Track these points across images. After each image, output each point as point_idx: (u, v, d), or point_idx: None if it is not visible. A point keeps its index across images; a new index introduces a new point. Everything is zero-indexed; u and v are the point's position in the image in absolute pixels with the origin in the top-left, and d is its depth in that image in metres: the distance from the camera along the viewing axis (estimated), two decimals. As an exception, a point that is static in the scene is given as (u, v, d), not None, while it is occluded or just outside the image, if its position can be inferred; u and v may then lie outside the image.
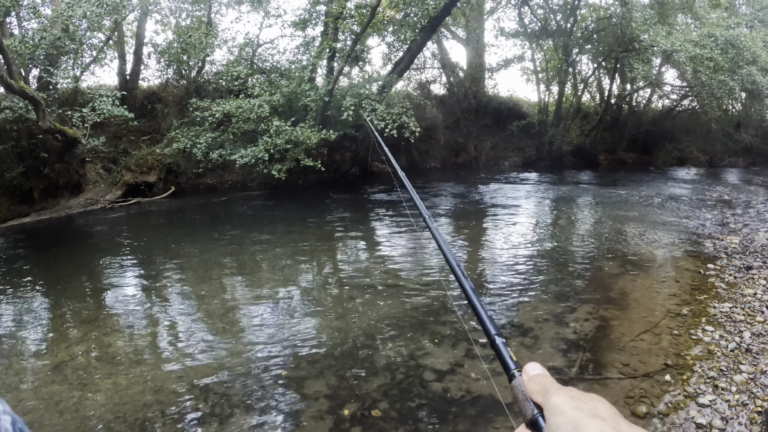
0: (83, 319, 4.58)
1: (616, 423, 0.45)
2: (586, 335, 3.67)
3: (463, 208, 9.70)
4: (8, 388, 3.41)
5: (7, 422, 0.53)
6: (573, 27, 16.46)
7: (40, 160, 12.12)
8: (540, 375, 0.56)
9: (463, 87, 15.22)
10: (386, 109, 10.83)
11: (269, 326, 4.17)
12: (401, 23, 12.62)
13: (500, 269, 5.40)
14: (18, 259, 7.42)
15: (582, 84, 17.54)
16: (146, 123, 12.40)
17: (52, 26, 11.85)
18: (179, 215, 10.14)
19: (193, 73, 13.24)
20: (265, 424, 2.81)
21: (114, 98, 11.42)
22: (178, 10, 12.94)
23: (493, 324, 0.64)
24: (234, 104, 10.79)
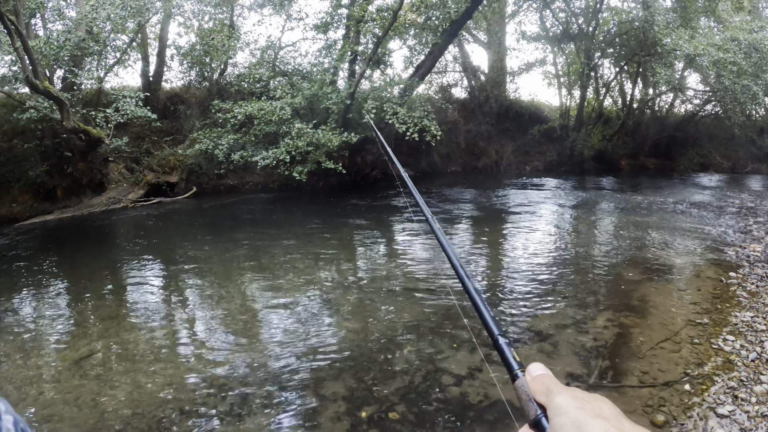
0: (104, 316, 4.67)
1: (620, 423, 0.46)
2: (606, 342, 3.68)
3: (484, 212, 9.69)
4: (29, 381, 3.46)
5: (9, 422, 0.52)
6: (595, 30, 16.36)
7: (63, 159, 12.39)
8: (543, 375, 0.55)
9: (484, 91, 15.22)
10: (408, 113, 10.89)
11: (288, 327, 4.20)
12: (423, 27, 12.68)
13: (521, 274, 5.40)
14: (41, 255, 7.57)
15: (604, 88, 17.41)
16: (169, 124, 12.62)
17: (76, 28, 12.11)
18: (200, 215, 10.27)
19: (216, 75, 13.45)
20: (282, 424, 2.83)
21: (137, 99, 11.65)
22: (200, 13, 13.18)
23: (497, 324, 0.65)
24: (256, 106, 10.94)
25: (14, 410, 0.56)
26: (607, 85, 17.55)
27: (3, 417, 0.52)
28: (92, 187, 12.38)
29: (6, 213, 12.70)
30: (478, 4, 12.37)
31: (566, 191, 12.38)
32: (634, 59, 15.67)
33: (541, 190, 12.33)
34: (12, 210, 12.83)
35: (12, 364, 3.77)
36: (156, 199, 11.56)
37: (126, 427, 2.88)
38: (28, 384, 3.42)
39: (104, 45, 12.77)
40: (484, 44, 16.56)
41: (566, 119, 16.43)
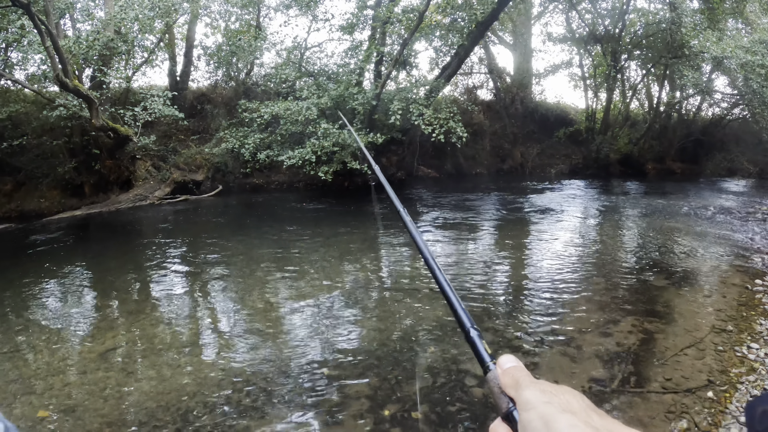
0: (130, 310, 4.82)
1: (588, 417, 0.46)
2: (629, 347, 3.70)
3: (509, 215, 9.77)
4: (55, 371, 3.58)
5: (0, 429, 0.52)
6: (621, 32, 16.37)
7: (91, 156, 12.82)
8: (513, 368, 0.55)
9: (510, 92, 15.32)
10: (433, 114, 11.05)
11: (311, 324, 4.28)
12: (448, 28, 12.86)
13: (545, 277, 5.45)
14: (68, 249, 7.85)
15: (630, 91, 17.38)
16: (195, 123, 12.98)
17: (105, 28, 12.53)
18: (226, 213, 10.52)
19: (242, 75, 13.80)
20: (305, 419, 2.88)
21: (165, 98, 12.02)
22: (227, 14, 13.53)
23: (468, 317, 0.65)
24: (282, 106, 11.21)
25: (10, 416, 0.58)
26: (633, 88, 17.53)
27: None
28: (119, 184, 12.78)
29: (34, 208, 13.18)
30: (504, 5, 12.50)
31: (591, 195, 12.42)
32: (660, 61, 15.64)
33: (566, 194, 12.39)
34: (40, 205, 13.30)
35: (38, 354, 3.91)
36: (182, 196, 11.90)
37: (150, 419, 2.95)
38: (54, 374, 3.54)
39: (132, 45, 13.18)
40: (509, 46, 16.66)
41: (592, 122, 16.43)
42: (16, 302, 5.27)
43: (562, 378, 3.18)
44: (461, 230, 8.05)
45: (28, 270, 6.57)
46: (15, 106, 12.77)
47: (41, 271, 6.48)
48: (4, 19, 11.62)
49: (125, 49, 12.90)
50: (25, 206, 13.39)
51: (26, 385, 3.41)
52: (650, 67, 16.72)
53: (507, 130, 14.93)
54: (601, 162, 15.51)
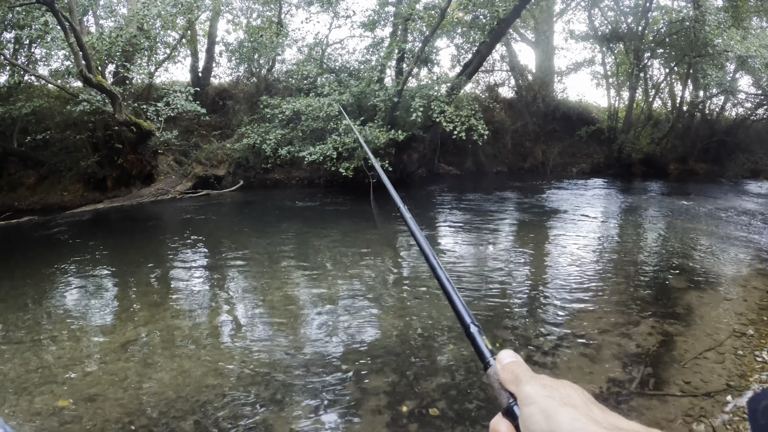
0: (151, 302, 4.91)
1: (589, 410, 0.46)
2: (649, 349, 3.69)
3: (530, 213, 9.80)
4: (76, 361, 3.67)
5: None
6: (644, 30, 16.28)
7: (114, 151, 13.12)
8: (513, 363, 0.56)
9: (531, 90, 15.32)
10: (455, 111, 11.11)
11: (330, 320, 4.33)
12: (470, 25, 12.91)
13: (564, 277, 5.47)
14: (91, 242, 8.04)
15: (653, 90, 17.27)
16: (217, 118, 13.22)
17: (127, 24, 12.79)
18: (247, 209, 10.70)
19: (264, 71, 14.02)
20: (324, 413, 2.93)
21: (187, 94, 12.25)
22: (249, 11, 13.76)
23: (468, 312, 0.66)
24: (304, 102, 11.37)
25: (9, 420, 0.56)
26: (656, 87, 17.42)
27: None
28: (141, 178, 13.07)
29: (57, 201, 13.53)
30: (526, 2, 12.51)
31: (613, 195, 12.41)
32: (684, 60, 15.53)
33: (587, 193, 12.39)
34: (63, 198, 13.66)
35: (59, 344, 4.01)
36: (203, 191, 12.14)
37: (169, 409, 3.00)
38: (75, 364, 3.63)
39: (155, 41, 13.46)
40: (531, 43, 16.66)
41: (614, 121, 16.35)
42: (38, 293, 5.40)
43: (581, 378, 3.21)
44: (481, 228, 8.10)
45: (51, 261, 6.74)
46: (38, 101, 13.09)
47: (63, 262, 6.63)
48: (28, 16, 11.91)
49: (148, 45, 13.17)
50: (48, 199, 13.75)
51: (47, 374, 3.49)
52: (673, 65, 16.61)
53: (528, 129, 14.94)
54: (623, 161, 15.44)
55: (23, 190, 14.24)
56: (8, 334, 4.26)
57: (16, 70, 13.34)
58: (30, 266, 6.63)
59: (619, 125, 16.23)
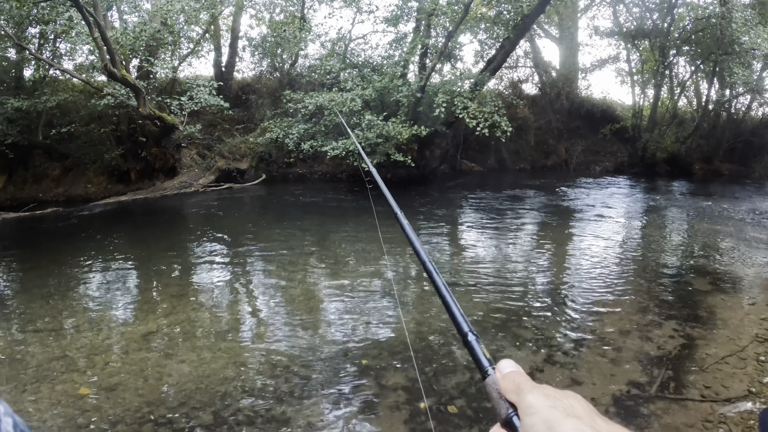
0: (172, 294, 4.97)
1: (593, 421, 0.46)
2: (670, 352, 3.66)
3: (551, 212, 9.76)
4: (97, 351, 3.73)
5: (9, 424, 0.54)
6: (670, 27, 16.09)
7: (138, 144, 13.37)
8: (514, 373, 0.55)
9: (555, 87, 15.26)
10: (478, 108, 11.14)
11: (350, 315, 4.34)
12: (494, 21, 12.90)
13: (586, 276, 5.45)
14: (114, 233, 8.19)
15: (679, 88, 17.07)
16: (240, 113, 13.40)
17: (151, 20, 13.00)
18: (269, 202, 10.85)
19: (287, 66, 14.18)
20: (342, 408, 2.95)
21: (210, 88, 12.44)
22: (272, 6, 13.92)
23: (466, 321, 0.65)
24: (327, 97, 11.48)
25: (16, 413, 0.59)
26: (682, 85, 17.22)
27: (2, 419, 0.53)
28: (165, 171, 13.30)
29: (81, 193, 13.84)
30: (551, -3, 12.50)
31: (636, 194, 12.32)
32: (710, 58, 15.33)
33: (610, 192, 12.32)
34: (87, 190, 13.96)
35: (82, 334, 4.08)
36: (226, 184, 12.31)
37: (189, 400, 3.04)
38: (97, 354, 3.69)
39: (178, 36, 13.69)
40: (555, 39, 16.57)
41: (639, 119, 16.19)
42: (61, 282, 5.52)
43: (601, 380, 3.19)
44: (503, 226, 8.10)
45: (74, 252, 6.89)
46: (63, 94, 13.37)
47: (87, 253, 6.76)
48: (53, 11, 12.18)
49: (171, 40, 13.40)
50: (73, 191, 14.07)
51: (69, 362, 3.56)
52: (699, 63, 16.39)
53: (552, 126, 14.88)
54: (647, 160, 15.29)
55: (48, 182, 14.58)
56: (32, 323, 4.37)
57: (41, 64, 13.68)
58: (54, 257, 6.78)
59: (644, 123, 16.06)
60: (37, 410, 2.99)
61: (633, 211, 10.04)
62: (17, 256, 7.10)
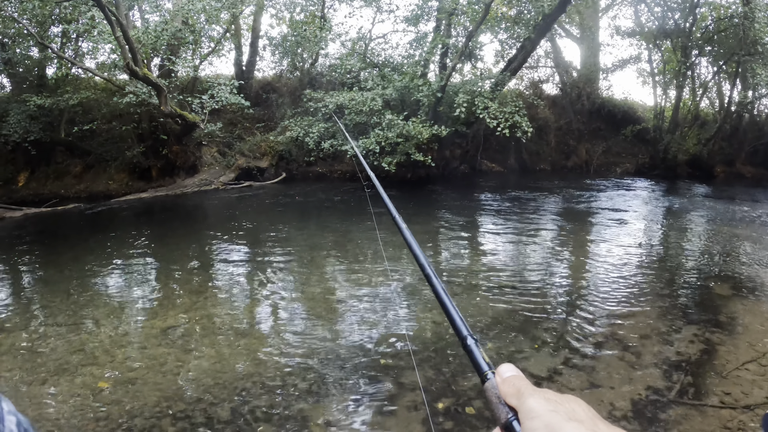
0: (192, 290, 5.04)
1: (595, 425, 0.46)
2: (690, 358, 3.64)
3: (572, 213, 9.76)
4: (117, 345, 3.80)
5: (12, 423, 0.54)
6: (692, 27, 15.98)
7: (159, 142, 13.63)
8: (514, 377, 0.55)
9: (576, 88, 15.24)
10: (499, 108, 11.19)
11: (368, 314, 4.37)
12: (515, 20, 12.96)
13: (606, 279, 5.43)
14: (134, 229, 8.35)
15: (701, 89, 16.94)
16: (260, 111, 13.61)
17: (173, 19, 13.24)
18: (289, 200, 10.96)
19: (307, 65, 14.37)
20: (360, 406, 2.97)
21: (231, 87, 12.65)
22: (292, 5, 14.10)
23: (465, 324, 0.64)
24: (347, 96, 11.63)
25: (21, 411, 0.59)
26: (704, 86, 17.08)
27: (6, 417, 0.53)
28: (185, 168, 13.55)
29: (102, 189, 14.14)
30: (573, -3, 12.51)
31: (657, 196, 12.27)
32: (732, 58, 15.19)
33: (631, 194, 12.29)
34: (108, 187, 14.26)
35: (102, 328, 4.16)
36: (246, 182, 12.52)
37: (206, 395, 3.08)
38: (116, 347, 3.76)
39: (199, 35, 13.92)
40: (576, 39, 16.54)
41: (660, 120, 16.09)
42: (82, 277, 5.63)
43: (620, 384, 3.18)
44: (522, 227, 8.11)
45: (95, 247, 7.04)
46: (85, 92, 13.68)
47: (107, 248, 6.91)
48: (75, 10, 12.44)
49: (192, 39, 13.63)
50: (94, 187, 14.38)
51: (89, 356, 3.63)
52: (722, 64, 16.24)
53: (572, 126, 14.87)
54: (668, 162, 15.19)
55: (70, 179, 14.92)
56: (53, 316, 4.46)
57: (63, 62, 13.97)
58: (75, 252, 6.92)
59: (665, 125, 15.94)
60: (56, 402, 3.05)
61: (653, 213, 10.02)
62: (39, 251, 7.24)
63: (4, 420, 0.53)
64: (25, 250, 7.29)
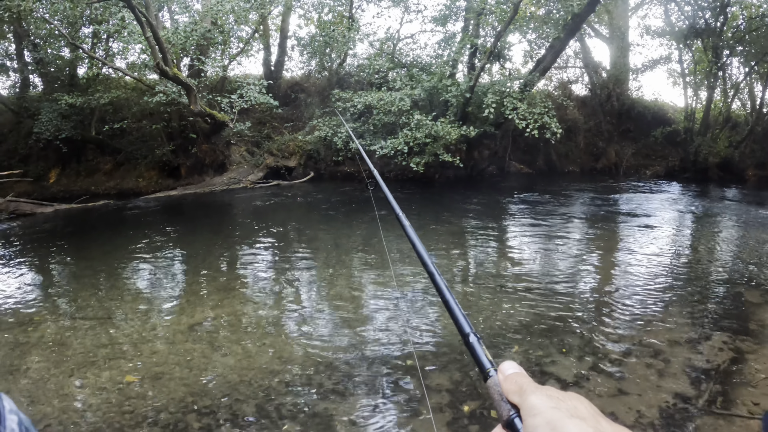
0: (219, 287, 5.10)
1: (597, 422, 0.46)
2: (718, 366, 3.57)
3: (600, 216, 9.67)
4: (144, 340, 3.85)
5: (14, 422, 0.54)
6: (723, 26, 15.73)
7: (188, 140, 13.94)
8: (516, 374, 0.55)
9: (605, 88, 15.12)
10: (528, 108, 11.19)
11: (394, 314, 4.37)
12: (544, 20, 12.94)
13: (634, 284, 5.37)
14: (163, 226, 8.50)
15: (732, 90, 16.67)
16: (289, 111, 13.83)
17: (202, 20, 13.51)
18: (316, 200, 11.10)
19: (335, 65, 14.55)
20: (385, 407, 2.96)
21: (260, 86, 12.88)
22: (320, 6, 14.29)
23: (467, 321, 0.65)
24: (375, 96, 11.74)
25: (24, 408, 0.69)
26: (735, 87, 16.80)
27: (7, 416, 0.53)
28: (214, 167, 13.83)
29: (132, 187, 14.51)
30: (603, -3, 12.43)
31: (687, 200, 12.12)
32: (764, 59, 14.93)
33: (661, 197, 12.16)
34: (138, 184, 14.63)
35: (129, 323, 4.24)
36: (274, 181, 12.72)
37: (232, 392, 3.10)
38: (144, 342, 3.82)
39: (228, 35, 14.18)
40: (606, 39, 16.41)
41: (691, 122, 15.87)
42: (111, 272, 5.76)
43: (647, 391, 3.15)
44: (550, 230, 8.06)
45: (124, 243, 7.18)
46: (116, 92, 14.05)
47: (136, 244, 7.04)
48: (106, 11, 12.77)
49: (221, 39, 13.89)
50: (124, 185, 14.77)
51: (116, 350, 3.70)
52: (753, 64, 15.97)
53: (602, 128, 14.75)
54: (699, 165, 14.98)
55: (100, 176, 15.35)
56: (81, 310, 4.56)
57: (94, 62, 14.38)
58: (104, 247, 7.08)
59: (696, 127, 15.73)
60: (83, 395, 3.12)
61: (683, 218, 9.91)
62: (69, 246, 7.41)
63: (5, 419, 0.53)
64: (55, 244, 7.47)
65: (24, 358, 3.62)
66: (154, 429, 2.78)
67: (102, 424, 2.82)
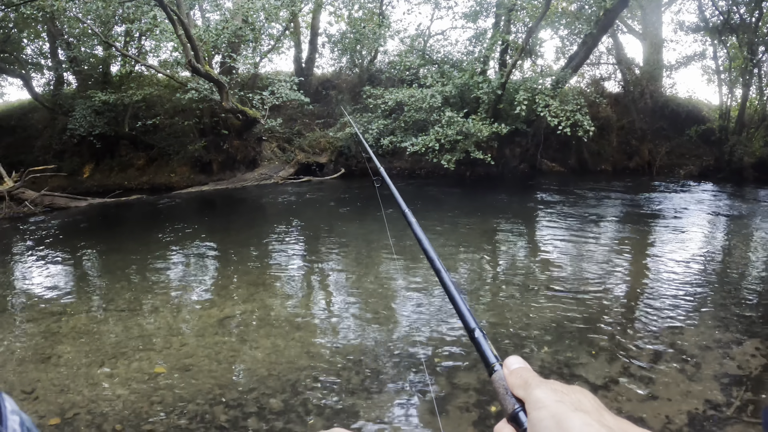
0: (249, 282, 5.15)
1: (601, 416, 0.46)
2: (750, 373, 3.51)
3: (633, 217, 9.54)
4: (175, 332, 3.91)
5: (16, 422, 0.54)
6: (758, 21, 15.40)
7: (220, 137, 14.24)
8: (521, 368, 0.56)
9: (639, 85, 14.95)
10: (560, 106, 11.15)
11: (423, 312, 4.38)
12: (576, 15, 12.88)
13: (666, 287, 5.30)
14: (195, 221, 8.66)
15: (768, 87, 16.34)
16: (320, 107, 14.02)
17: (233, 17, 13.76)
18: (347, 196, 11.23)
19: (366, 62, 14.70)
20: (411, 405, 2.98)
21: (291, 83, 13.09)
22: (350, 3, 14.40)
23: (473, 317, 0.66)
24: (407, 93, 11.83)
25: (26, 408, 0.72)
26: (771, 84, 16.45)
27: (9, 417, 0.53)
28: (246, 163, 14.11)
29: (165, 182, 14.86)
30: (636, -8, 12.31)
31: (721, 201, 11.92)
32: (802, 55, 14.58)
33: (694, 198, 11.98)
34: (170, 179, 14.98)
35: (160, 315, 4.30)
36: (305, 177, 12.93)
37: (260, 385, 3.13)
38: (174, 335, 3.87)
39: (259, 33, 14.41)
40: (639, 35, 16.20)
41: (726, 120, 15.57)
42: (143, 266, 5.89)
43: (676, 396, 3.13)
44: (581, 230, 7.99)
45: (156, 237, 7.36)
46: (149, 89, 14.40)
47: (168, 239, 7.20)
48: (138, 10, 13.09)
49: (252, 37, 14.12)
50: (156, 180, 15.14)
51: (146, 342, 3.77)
52: (791, 61, 15.60)
53: (635, 126, 14.58)
54: (733, 165, 14.67)
55: (133, 171, 15.75)
56: (113, 302, 4.67)
57: (127, 60, 14.75)
58: (137, 241, 7.27)
59: (731, 125, 15.43)
60: (112, 385, 3.20)
61: (717, 220, 9.76)
62: (102, 239, 7.62)
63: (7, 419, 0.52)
64: (89, 237, 7.70)
65: (55, 348, 3.75)
66: (182, 419, 2.84)
67: (130, 413, 2.90)
